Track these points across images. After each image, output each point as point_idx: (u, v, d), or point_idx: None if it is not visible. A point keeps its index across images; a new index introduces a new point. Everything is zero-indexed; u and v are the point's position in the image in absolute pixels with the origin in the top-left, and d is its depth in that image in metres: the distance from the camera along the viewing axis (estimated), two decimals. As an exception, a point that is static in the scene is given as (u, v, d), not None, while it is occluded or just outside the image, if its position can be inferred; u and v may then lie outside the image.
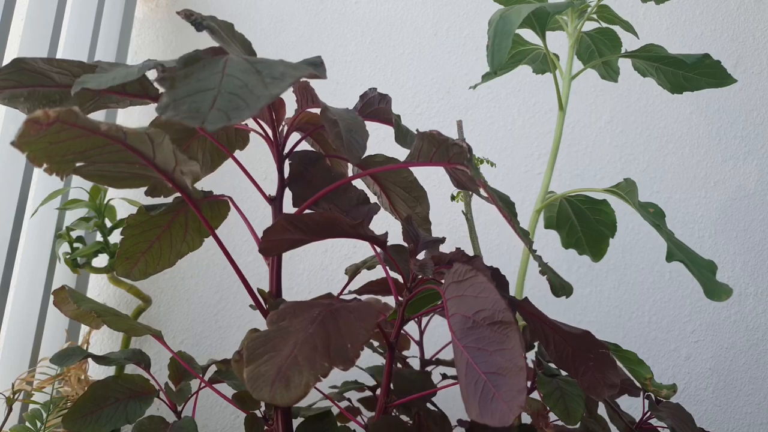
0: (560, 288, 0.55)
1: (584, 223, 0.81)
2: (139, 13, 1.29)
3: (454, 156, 0.48)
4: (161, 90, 0.36)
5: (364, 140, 0.49)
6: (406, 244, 0.58)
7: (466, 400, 0.38)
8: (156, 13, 1.30)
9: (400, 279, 0.58)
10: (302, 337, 0.41)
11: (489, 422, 0.36)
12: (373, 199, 0.66)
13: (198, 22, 0.46)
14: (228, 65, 0.38)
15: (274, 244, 0.50)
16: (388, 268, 0.60)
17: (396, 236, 0.63)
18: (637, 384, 0.71)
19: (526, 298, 0.55)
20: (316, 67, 0.43)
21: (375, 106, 0.60)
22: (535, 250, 0.52)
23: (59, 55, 1.05)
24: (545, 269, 0.53)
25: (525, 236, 0.51)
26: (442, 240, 0.57)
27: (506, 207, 0.51)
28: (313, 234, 0.50)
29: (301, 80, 0.53)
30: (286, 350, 0.40)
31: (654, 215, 0.70)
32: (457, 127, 0.82)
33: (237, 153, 0.68)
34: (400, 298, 0.56)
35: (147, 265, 0.60)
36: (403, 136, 0.55)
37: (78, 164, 0.43)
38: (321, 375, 0.38)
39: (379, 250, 0.63)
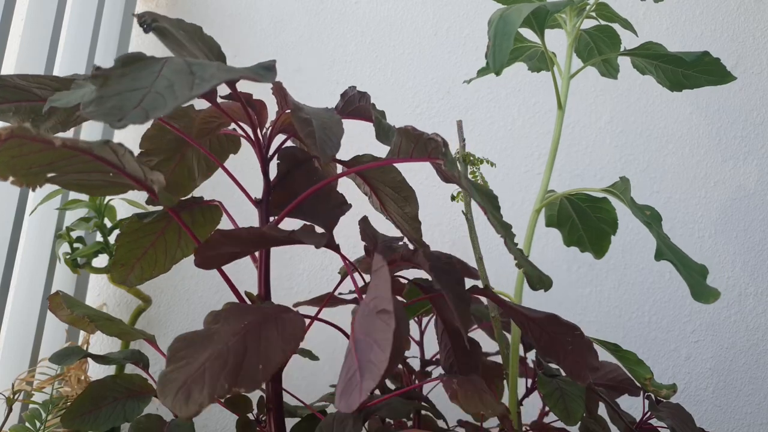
0: (538, 281, 0.54)
1: (585, 221, 0.81)
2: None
3: (433, 151, 0.48)
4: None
5: (338, 138, 0.49)
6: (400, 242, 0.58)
7: (337, 386, 0.38)
8: (156, 12, 1.30)
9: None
10: (218, 350, 0.40)
11: (342, 408, 0.36)
12: (363, 199, 0.66)
13: (147, 24, 0.46)
14: (165, 66, 0.38)
15: (210, 258, 0.50)
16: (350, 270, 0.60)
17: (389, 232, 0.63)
18: (637, 384, 0.71)
19: (486, 285, 0.54)
20: (264, 69, 0.43)
21: (355, 104, 0.60)
22: (516, 243, 0.52)
23: (59, 55, 1.05)
24: (522, 262, 0.53)
25: (505, 229, 0.51)
26: (401, 238, 0.57)
27: (487, 200, 0.51)
28: (248, 246, 0.50)
29: (275, 82, 0.52)
30: (200, 361, 0.39)
31: (650, 218, 0.69)
32: (457, 128, 0.82)
33: (231, 156, 0.68)
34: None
35: (143, 271, 0.61)
36: (384, 133, 0.55)
37: (50, 175, 0.43)
38: (218, 395, 0.38)
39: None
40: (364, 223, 0.56)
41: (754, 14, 1.34)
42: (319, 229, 0.53)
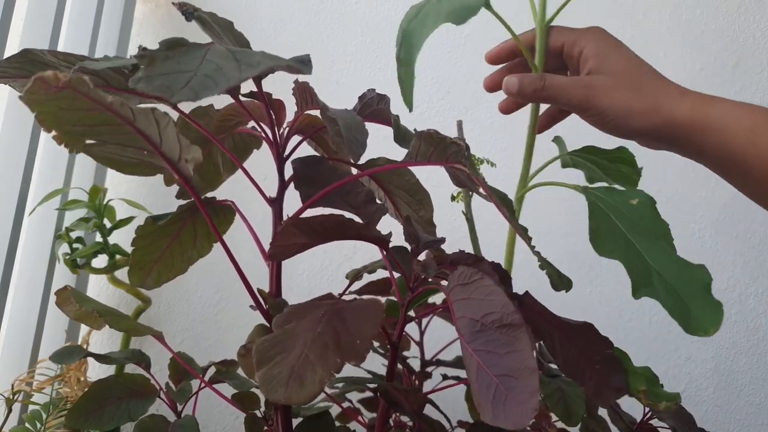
0: (560, 282, 0.55)
1: (601, 165, 0.74)
2: (139, 13, 1.29)
3: (452, 155, 0.48)
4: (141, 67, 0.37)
5: (364, 138, 0.49)
6: (407, 246, 0.58)
7: (479, 403, 0.39)
8: (156, 13, 1.30)
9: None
10: (311, 337, 0.41)
11: (503, 425, 0.36)
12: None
13: (189, 12, 0.47)
14: (209, 52, 0.39)
15: (283, 249, 0.51)
16: (391, 268, 0.61)
17: (399, 237, 0.63)
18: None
19: (527, 292, 0.55)
20: (301, 62, 0.43)
21: (374, 106, 0.60)
22: (534, 246, 0.52)
23: (59, 56, 1.05)
24: (544, 264, 0.53)
25: (524, 232, 0.51)
26: (443, 240, 0.57)
27: (504, 205, 0.51)
28: (320, 237, 0.51)
29: (300, 80, 0.53)
30: (297, 350, 0.40)
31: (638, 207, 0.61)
32: (457, 128, 0.82)
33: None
34: (402, 298, 0.56)
35: (160, 273, 0.61)
36: (402, 136, 0.55)
37: (88, 142, 0.44)
38: (334, 370, 0.39)
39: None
40: (408, 223, 0.56)
41: (754, 14, 1.34)
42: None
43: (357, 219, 0.53)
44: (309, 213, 0.55)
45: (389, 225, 0.68)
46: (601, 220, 0.57)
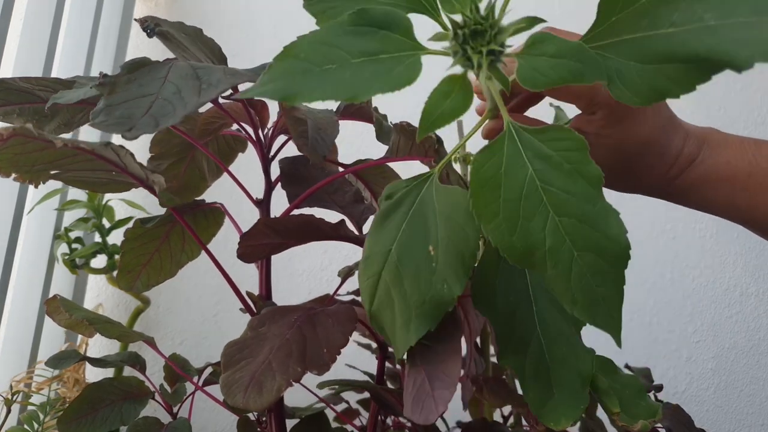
0: None
1: None
2: (139, 12, 1.29)
3: (429, 149, 0.48)
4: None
5: (330, 139, 0.49)
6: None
7: (404, 397, 0.39)
8: (155, 12, 1.29)
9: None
10: (278, 343, 0.41)
11: (416, 420, 0.36)
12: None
13: (150, 28, 0.47)
14: (171, 71, 0.38)
15: (253, 249, 0.50)
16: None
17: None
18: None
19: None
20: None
21: (355, 104, 0.59)
22: None
23: (58, 56, 1.05)
24: None
25: None
26: None
27: None
28: (292, 238, 0.50)
29: None
30: (262, 356, 0.40)
31: None
32: (457, 127, 0.81)
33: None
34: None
35: (149, 277, 0.61)
36: (384, 134, 0.55)
37: (53, 172, 0.44)
38: (293, 379, 0.38)
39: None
40: None
41: (755, 13, 1.33)
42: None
43: (348, 219, 0.53)
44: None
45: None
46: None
